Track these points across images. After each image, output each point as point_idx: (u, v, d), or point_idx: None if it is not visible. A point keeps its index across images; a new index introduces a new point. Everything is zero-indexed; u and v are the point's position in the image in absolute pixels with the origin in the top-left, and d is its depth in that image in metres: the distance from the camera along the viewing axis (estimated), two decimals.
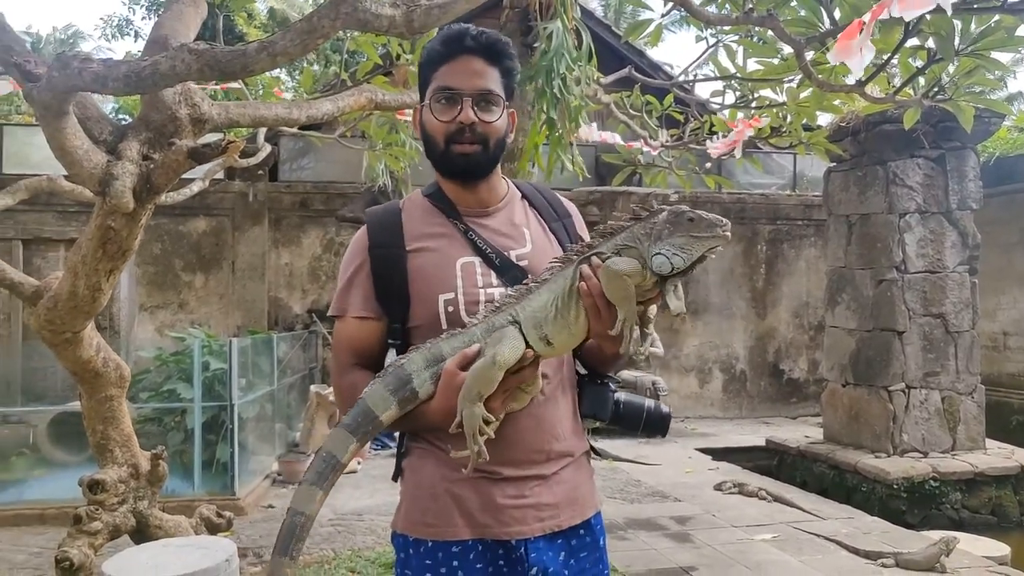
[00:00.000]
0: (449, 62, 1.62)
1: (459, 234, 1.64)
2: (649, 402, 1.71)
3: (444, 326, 1.56)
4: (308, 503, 1.46)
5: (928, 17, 3.08)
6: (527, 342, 1.46)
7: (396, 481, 1.69)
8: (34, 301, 3.42)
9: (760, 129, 5.15)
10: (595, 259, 1.45)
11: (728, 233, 1.40)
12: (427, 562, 1.57)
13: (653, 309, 1.51)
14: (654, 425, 1.70)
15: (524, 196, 1.76)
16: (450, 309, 1.58)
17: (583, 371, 1.75)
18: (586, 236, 1.79)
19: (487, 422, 1.44)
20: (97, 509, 3.69)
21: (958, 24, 3.14)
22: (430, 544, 1.58)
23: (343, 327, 1.66)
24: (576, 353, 1.70)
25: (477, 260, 1.62)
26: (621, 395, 1.70)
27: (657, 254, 1.40)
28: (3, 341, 9.29)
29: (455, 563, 1.56)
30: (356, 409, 1.50)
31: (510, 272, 1.61)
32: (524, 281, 1.54)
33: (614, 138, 6.47)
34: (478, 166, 1.65)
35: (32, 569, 4.71)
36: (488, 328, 1.48)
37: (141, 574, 3.11)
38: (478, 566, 1.56)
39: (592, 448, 1.76)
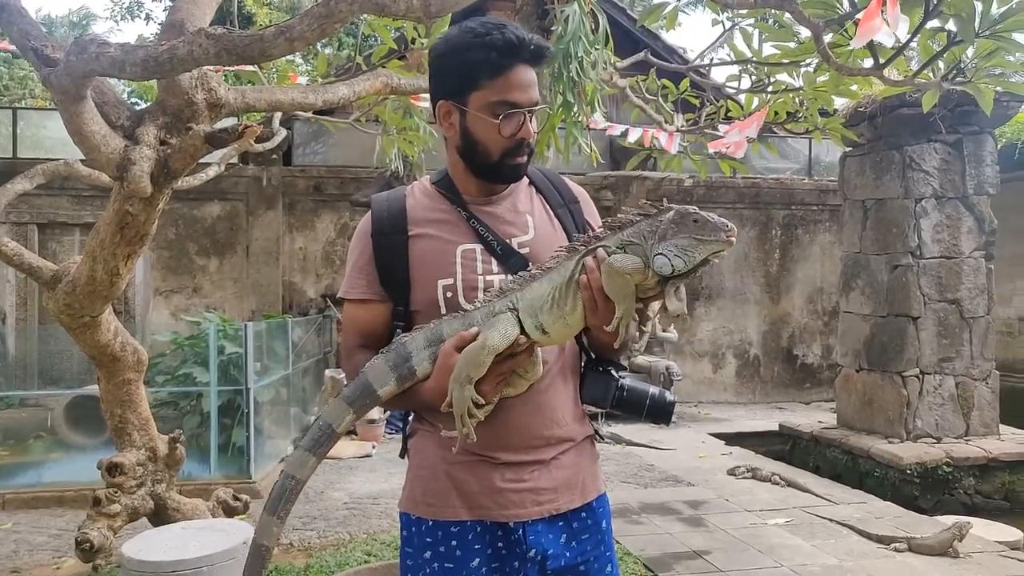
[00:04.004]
0: (505, 73, 1.57)
1: (462, 221, 1.65)
2: (654, 389, 1.70)
3: (443, 311, 1.59)
4: (301, 468, 1.52)
5: None
6: (523, 329, 1.47)
7: (403, 458, 1.74)
8: (52, 286, 3.45)
9: (776, 114, 5.10)
10: (600, 252, 1.44)
11: (733, 239, 1.38)
12: (427, 540, 1.62)
13: (654, 307, 1.50)
14: (657, 412, 1.69)
15: (531, 182, 1.76)
16: (449, 295, 1.60)
17: (588, 356, 1.75)
18: (596, 221, 1.79)
19: (477, 405, 1.46)
20: (116, 492, 3.74)
21: (979, 5, 3.10)
22: (430, 523, 1.62)
23: (350, 309, 1.70)
24: (579, 339, 1.70)
25: (478, 247, 1.63)
26: (626, 381, 1.68)
27: (659, 254, 1.39)
28: (20, 325, 9.38)
29: (454, 542, 1.60)
30: (357, 382, 1.54)
31: (511, 259, 1.62)
32: (528, 268, 1.54)
33: (634, 134, 6.42)
34: (522, 175, 1.70)
35: (52, 551, 4.77)
36: (489, 312, 1.49)
37: (160, 556, 3.15)
38: (476, 546, 1.60)
39: (597, 433, 1.78)
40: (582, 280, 1.44)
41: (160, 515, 3.98)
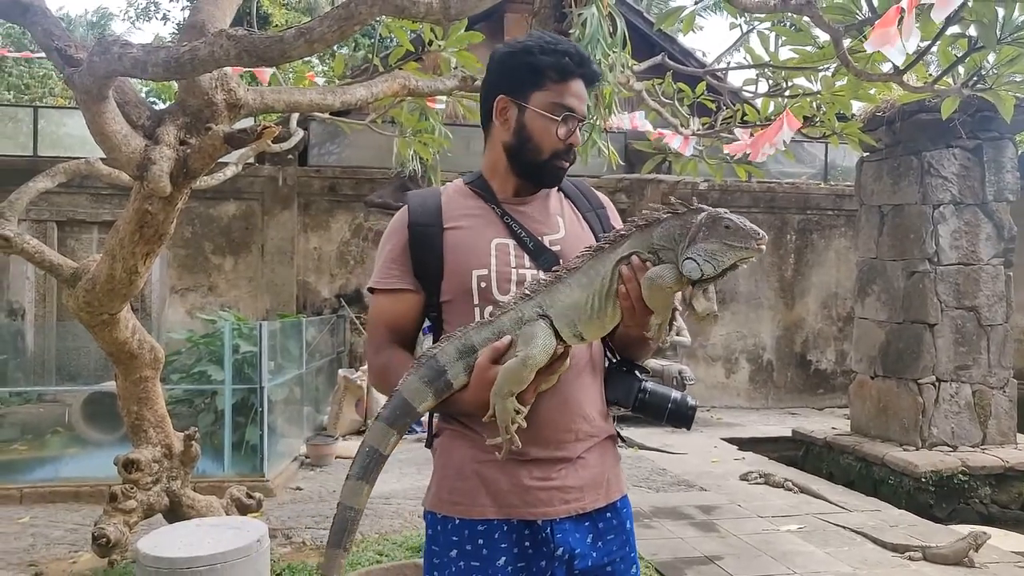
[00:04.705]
0: (569, 81, 1.67)
1: (496, 217, 1.70)
2: (676, 393, 1.71)
3: (476, 301, 1.62)
4: (356, 497, 1.53)
5: (970, 4, 3.02)
6: (558, 335, 1.48)
7: (429, 447, 1.75)
8: (72, 283, 3.48)
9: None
10: (635, 259, 1.46)
11: (764, 247, 1.40)
12: (453, 539, 1.63)
13: (677, 297, 1.53)
14: (679, 416, 1.71)
15: (559, 188, 1.82)
16: (483, 285, 1.63)
17: (614, 357, 1.78)
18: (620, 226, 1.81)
19: (519, 411, 1.48)
20: (132, 488, 3.77)
21: (1000, 11, 3.08)
22: (457, 521, 1.63)
23: (380, 301, 1.72)
24: (604, 340, 1.73)
25: (511, 243, 1.67)
26: (648, 384, 1.71)
27: (688, 259, 1.40)
28: (39, 321, 9.47)
29: (480, 541, 1.61)
30: (394, 401, 1.54)
31: (542, 256, 1.66)
32: (554, 268, 1.56)
33: (644, 124, 6.42)
34: (560, 181, 1.77)
35: (68, 545, 4.81)
36: (517, 318, 1.50)
37: (175, 552, 3.17)
38: (503, 545, 1.60)
39: (618, 434, 1.79)
40: (621, 290, 1.46)
41: (175, 512, 4.01)
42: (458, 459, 1.65)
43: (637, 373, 1.72)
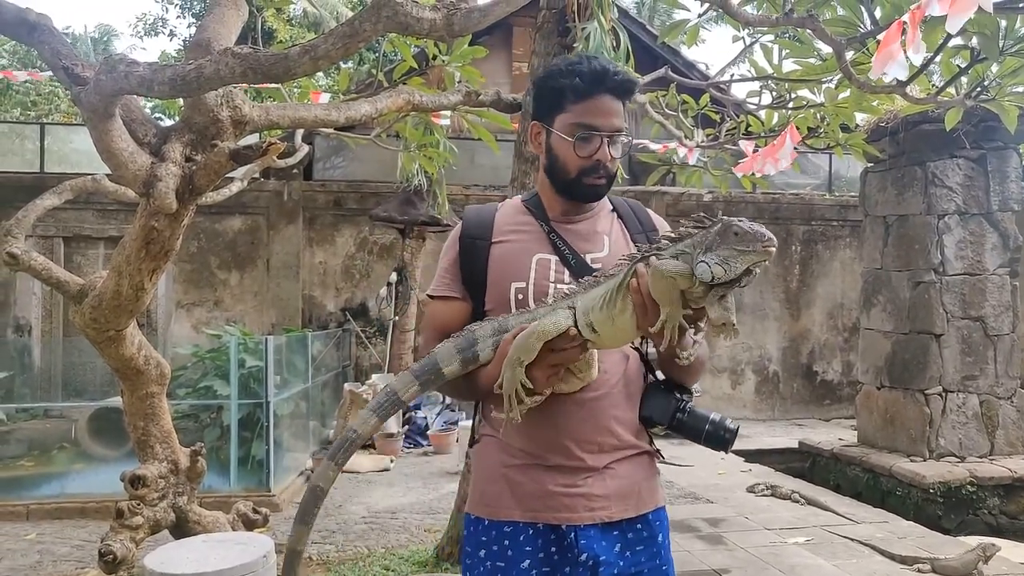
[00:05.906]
0: (588, 99, 1.71)
1: (542, 234, 1.78)
2: (715, 415, 1.74)
3: (513, 311, 1.70)
4: (363, 425, 1.65)
5: (972, 16, 3.03)
6: (577, 325, 1.55)
7: (471, 446, 1.86)
8: (79, 299, 3.49)
9: (797, 130, 5.09)
10: (652, 259, 1.51)
11: (771, 249, 1.44)
12: (483, 539, 1.72)
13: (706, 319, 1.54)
14: (715, 439, 1.73)
15: (614, 208, 1.89)
16: (520, 297, 1.71)
17: (653, 375, 1.82)
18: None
19: (527, 389, 1.55)
20: (138, 504, 3.77)
21: (1003, 23, 3.09)
22: (486, 522, 1.72)
23: (434, 306, 1.84)
24: (644, 359, 1.79)
25: (554, 259, 1.74)
26: (689, 405, 1.74)
27: (701, 262, 1.45)
28: (45, 337, 9.49)
29: (506, 542, 1.68)
30: (426, 359, 1.67)
31: (583, 272, 1.71)
32: (595, 272, 1.63)
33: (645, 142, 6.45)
34: (601, 196, 1.81)
35: (75, 561, 4.80)
36: (551, 311, 1.59)
37: (182, 568, 3.16)
38: (527, 548, 1.67)
39: (658, 451, 1.83)
40: (631, 284, 1.50)
41: (181, 527, 4.01)
42: (488, 463, 1.75)
43: (677, 393, 1.75)
